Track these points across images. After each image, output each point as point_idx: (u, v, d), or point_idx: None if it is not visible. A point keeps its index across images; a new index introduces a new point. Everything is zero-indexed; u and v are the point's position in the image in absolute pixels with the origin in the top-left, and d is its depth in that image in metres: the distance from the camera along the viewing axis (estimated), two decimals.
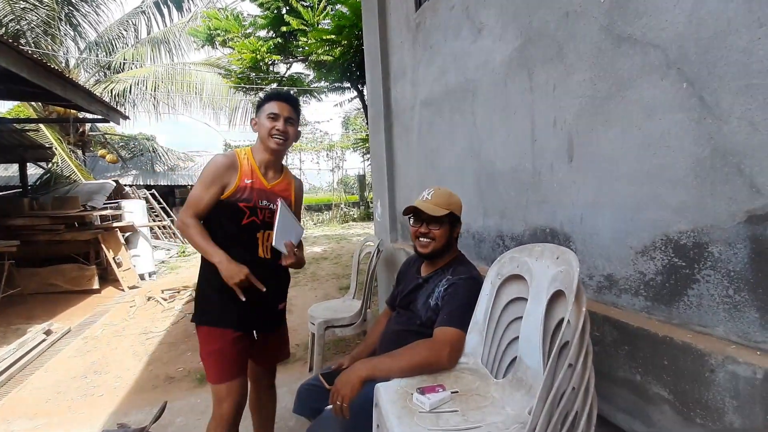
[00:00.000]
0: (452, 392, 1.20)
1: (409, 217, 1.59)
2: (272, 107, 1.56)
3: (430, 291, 1.52)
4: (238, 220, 1.53)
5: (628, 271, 1.27)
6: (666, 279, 1.15)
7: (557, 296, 1.12)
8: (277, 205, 1.55)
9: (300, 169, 13.64)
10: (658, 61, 1.14)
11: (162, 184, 13.95)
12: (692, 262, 1.08)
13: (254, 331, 1.66)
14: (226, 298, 1.51)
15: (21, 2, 8.90)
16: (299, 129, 1.67)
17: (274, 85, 8.93)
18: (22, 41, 9.11)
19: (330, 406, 1.32)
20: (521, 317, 1.25)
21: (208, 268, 1.55)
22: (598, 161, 1.36)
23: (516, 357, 1.25)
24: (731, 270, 1.00)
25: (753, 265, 0.95)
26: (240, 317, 1.55)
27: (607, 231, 1.34)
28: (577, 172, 1.45)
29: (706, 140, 1.03)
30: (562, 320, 1.03)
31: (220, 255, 1.47)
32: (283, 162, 1.76)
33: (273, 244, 1.52)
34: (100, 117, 5.70)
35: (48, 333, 3.88)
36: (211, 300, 1.56)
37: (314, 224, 13.62)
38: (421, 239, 1.54)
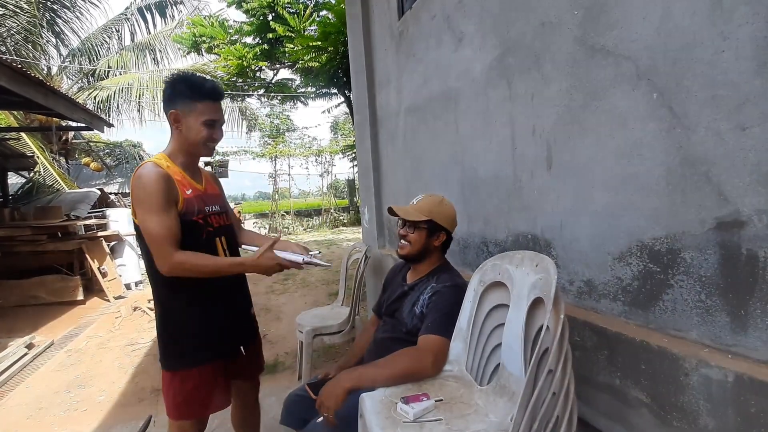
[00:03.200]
0: (436, 400, 1.21)
1: (398, 219, 1.62)
2: (210, 112, 1.39)
3: (416, 299, 1.53)
4: (198, 236, 1.41)
5: (606, 277, 1.30)
6: (642, 284, 1.18)
7: (537, 303, 1.14)
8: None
9: (289, 174, 13.55)
10: (630, 72, 1.17)
11: None
12: (666, 268, 1.11)
13: (241, 347, 1.56)
14: (202, 330, 1.42)
15: (0, 8, 8.74)
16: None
17: (261, 92, 8.90)
18: (2, 49, 8.93)
19: (320, 418, 1.33)
20: (504, 324, 1.27)
21: (174, 305, 1.42)
22: (576, 169, 1.38)
23: (499, 364, 1.27)
24: (703, 275, 1.02)
25: (723, 271, 0.98)
26: (223, 341, 1.47)
27: (585, 237, 1.37)
28: (556, 180, 1.48)
29: (676, 149, 1.06)
30: (542, 327, 1.05)
31: (246, 262, 1.39)
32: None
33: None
34: (83, 125, 5.61)
35: (30, 347, 3.79)
36: (185, 340, 1.42)
37: (304, 230, 13.53)
38: (401, 241, 1.58)
